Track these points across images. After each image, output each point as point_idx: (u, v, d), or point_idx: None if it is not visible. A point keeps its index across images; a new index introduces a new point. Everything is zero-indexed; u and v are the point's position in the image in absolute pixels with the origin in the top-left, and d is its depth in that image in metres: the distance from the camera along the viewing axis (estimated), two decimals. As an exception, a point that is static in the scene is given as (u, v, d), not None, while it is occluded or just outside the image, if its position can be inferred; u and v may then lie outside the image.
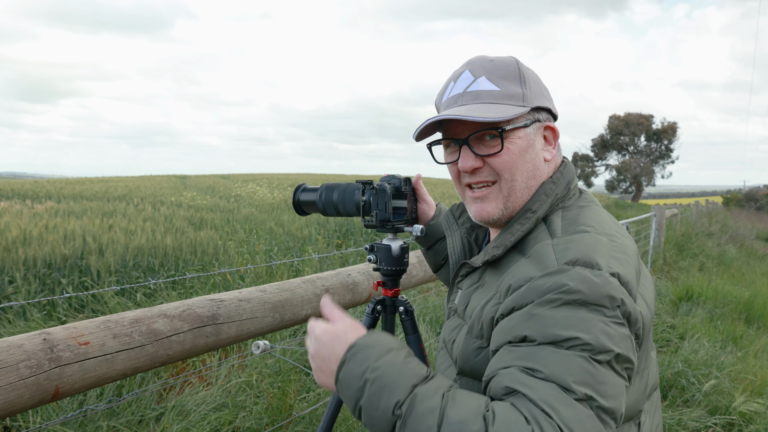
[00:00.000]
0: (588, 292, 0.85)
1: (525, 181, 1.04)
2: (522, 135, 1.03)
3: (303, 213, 1.55)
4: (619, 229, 1.01)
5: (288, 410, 3.07)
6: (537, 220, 1.01)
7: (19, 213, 9.66)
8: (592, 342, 0.82)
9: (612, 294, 0.86)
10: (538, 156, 1.05)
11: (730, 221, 16.55)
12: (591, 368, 0.81)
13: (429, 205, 1.48)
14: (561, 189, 1.04)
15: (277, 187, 23.92)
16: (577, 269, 0.87)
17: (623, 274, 0.89)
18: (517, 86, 1.03)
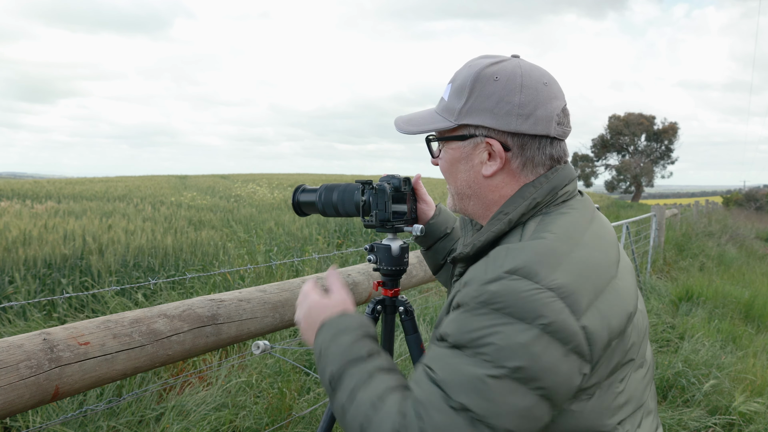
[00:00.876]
0: (512, 302, 0.85)
1: (460, 188, 1.10)
2: (455, 147, 1.08)
3: (302, 214, 1.54)
4: (595, 241, 0.98)
5: (288, 410, 3.07)
6: (510, 222, 1.01)
7: (18, 213, 9.66)
8: (495, 353, 0.83)
9: (538, 309, 0.84)
10: (474, 169, 1.07)
11: (730, 221, 16.55)
12: (482, 383, 0.83)
13: (428, 205, 1.48)
14: (542, 194, 1.02)
15: (277, 187, 23.92)
16: (512, 279, 0.87)
17: (568, 286, 0.87)
18: (458, 101, 1.05)
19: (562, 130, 1.05)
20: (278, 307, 1.73)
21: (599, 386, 0.93)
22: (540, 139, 1.03)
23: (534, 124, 1.02)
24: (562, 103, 1.06)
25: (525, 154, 1.03)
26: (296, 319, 1.14)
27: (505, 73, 1.03)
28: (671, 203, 24.18)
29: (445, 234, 1.48)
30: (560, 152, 1.06)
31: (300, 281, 1.89)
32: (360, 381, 0.94)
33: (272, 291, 1.75)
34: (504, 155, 1.03)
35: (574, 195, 1.06)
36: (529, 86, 1.02)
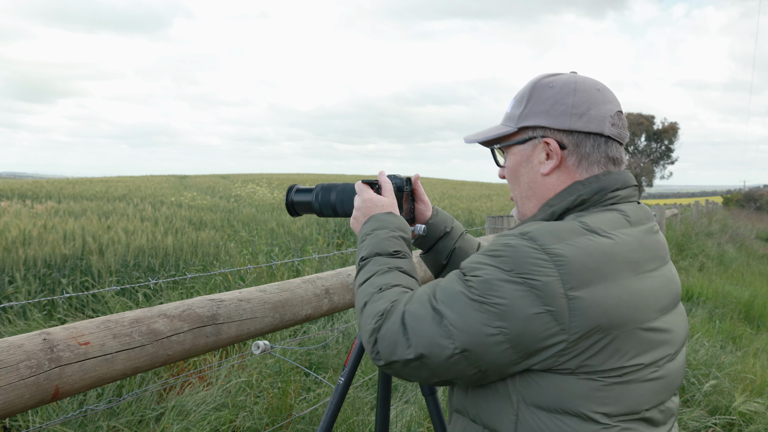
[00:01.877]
0: (511, 255, 0.95)
1: (523, 191, 1.16)
2: (516, 151, 1.16)
3: (296, 214, 1.52)
4: (627, 239, 1.00)
5: (288, 410, 3.08)
6: (553, 214, 1.07)
7: (18, 213, 9.66)
8: (479, 284, 0.95)
9: (529, 268, 0.93)
10: (534, 170, 1.13)
11: (730, 221, 16.54)
12: (460, 298, 0.96)
13: (426, 205, 1.47)
14: (589, 192, 1.07)
15: (277, 187, 23.93)
16: (519, 238, 0.97)
17: (567, 257, 0.93)
18: (518, 108, 1.14)
19: (618, 131, 1.11)
20: (278, 307, 1.73)
21: (591, 370, 0.94)
22: (594, 137, 1.09)
23: (587, 122, 1.08)
24: (617, 107, 1.12)
25: (580, 152, 1.09)
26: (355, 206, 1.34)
27: (559, 81, 1.11)
28: (671, 203, 24.20)
29: (445, 233, 1.47)
30: (616, 153, 1.12)
31: (300, 281, 1.89)
32: (380, 270, 1.13)
33: (272, 291, 1.75)
34: (560, 153, 1.09)
35: (626, 200, 1.11)
36: (582, 90, 1.10)
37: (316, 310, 1.88)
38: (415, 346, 0.97)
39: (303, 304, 1.82)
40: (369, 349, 1.04)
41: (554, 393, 0.95)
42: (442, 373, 0.98)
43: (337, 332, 4.25)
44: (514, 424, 0.98)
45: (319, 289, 1.90)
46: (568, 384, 0.94)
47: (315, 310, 1.88)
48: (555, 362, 0.93)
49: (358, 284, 1.14)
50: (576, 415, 0.94)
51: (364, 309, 1.08)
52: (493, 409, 1.01)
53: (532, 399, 0.96)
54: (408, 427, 2.92)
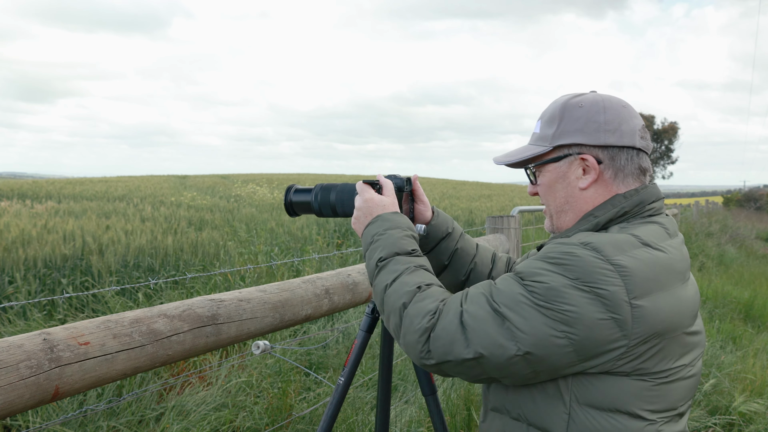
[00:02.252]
0: (576, 264, 0.98)
1: (558, 206, 1.21)
2: (551, 169, 1.20)
3: (294, 214, 1.51)
4: (671, 250, 1.07)
5: (288, 410, 3.08)
6: (597, 224, 1.12)
7: (18, 213, 9.66)
8: (544, 291, 0.97)
9: (596, 277, 0.96)
10: (570, 185, 1.18)
11: (730, 221, 16.54)
12: (525, 303, 0.97)
13: (425, 205, 1.47)
14: (631, 204, 1.13)
15: (277, 187, 23.93)
16: (582, 248, 1.00)
17: (630, 269, 0.98)
18: (550, 128, 1.19)
19: (646, 143, 1.17)
20: (278, 307, 1.73)
21: (644, 372, 1.01)
22: (628, 150, 1.15)
23: (620, 137, 1.14)
24: (641, 122, 1.19)
25: (615, 165, 1.15)
26: (356, 206, 1.34)
27: (588, 100, 1.17)
28: (671, 203, 24.19)
29: (446, 234, 1.48)
30: (646, 164, 1.18)
31: (300, 281, 1.89)
32: (406, 269, 1.13)
33: (272, 291, 1.75)
34: (597, 167, 1.15)
35: (659, 212, 1.16)
36: (610, 108, 1.16)
37: (316, 310, 1.88)
38: (474, 345, 0.98)
39: (303, 304, 1.82)
40: (417, 348, 1.04)
41: (608, 393, 1.01)
42: (494, 373, 1.01)
43: (337, 332, 4.25)
44: (566, 422, 1.03)
45: (319, 289, 1.90)
46: (622, 385, 1.01)
47: (315, 310, 1.88)
48: (613, 365, 0.99)
49: (385, 285, 1.13)
50: (627, 413, 1.02)
51: (406, 309, 1.07)
52: (541, 408, 1.06)
53: (585, 399, 1.02)
54: (408, 427, 2.92)
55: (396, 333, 1.10)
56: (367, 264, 1.22)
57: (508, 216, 3.82)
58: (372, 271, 1.19)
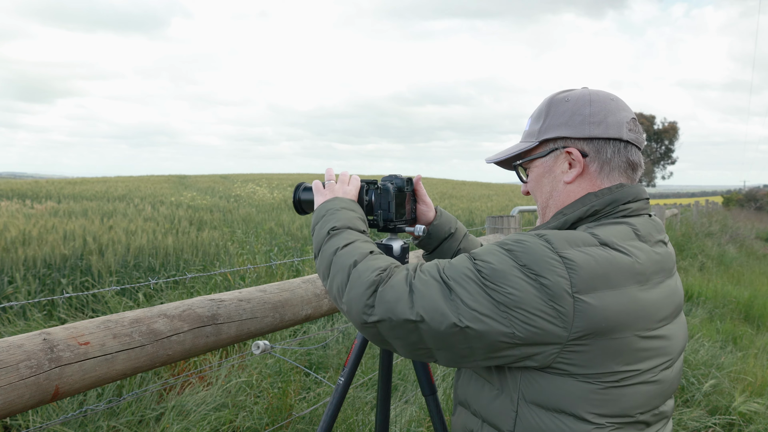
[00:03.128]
0: (526, 252, 0.98)
1: (544, 201, 1.20)
2: (538, 164, 1.19)
3: (303, 212, 1.55)
4: (635, 252, 1.02)
5: (288, 410, 3.08)
6: (566, 222, 1.10)
7: (16, 213, 9.66)
8: (490, 271, 0.97)
9: (543, 268, 0.95)
10: (556, 179, 1.17)
11: (730, 221, 16.54)
12: (470, 278, 0.98)
13: (428, 206, 1.48)
14: (602, 203, 1.09)
15: (276, 187, 23.92)
16: (534, 237, 1.00)
17: (577, 263, 0.96)
18: (537, 124, 1.19)
19: (635, 136, 1.14)
20: (278, 307, 1.73)
21: (589, 374, 0.98)
22: (614, 143, 1.12)
23: (606, 129, 1.12)
24: (631, 114, 1.16)
25: (601, 157, 1.13)
26: (315, 183, 1.38)
27: (574, 95, 1.16)
28: (671, 203, 24.19)
29: (449, 234, 1.48)
30: (636, 157, 1.15)
31: (300, 281, 1.89)
32: (360, 240, 1.15)
33: (272, 291, 1.75)
34: (582, 160, 1.13)
35: (638, 213, 1.11)
36: (597, 101, 1.14)
37: (316, 310, 1.88)
38: (417, 308, 0.98)
39: (303, 304, 1.82)
40: (362, 302, 1.03)
41: (553, 393, 0.99)
42: (430, 342, 1.00)
43: (337, 332, 4.25)
44: (513, 420, 1.03)
45: (319, 289, 1.90)
46: (566, 385, 0.99)
47: (315, 310, 1.88)
48: (554, 360, 0.97)
49: (336, 248, 1.14)
50: (572, 415, 0.99)
51: (356, 266, 1.08)
52: (493, 404, 1.06)
53: (531, 397, 1.01)
54: (408, 427, 2.92)
55: (340, 291, 1.09)
56: (315, 234, 1.23)
57: (508, 216, 3.82)
58: (321, 239, 1.19)
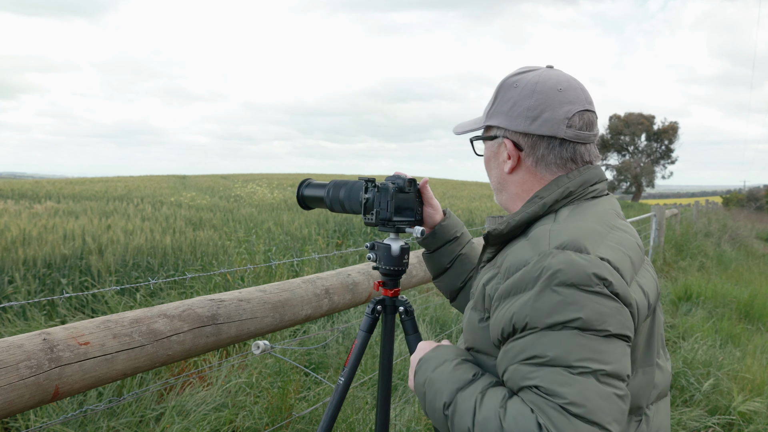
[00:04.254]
0: (573, 273, 0.92)
1: (494, 183, 1.22)
2: (488, 146, 1.21)
3: (307, 207, 1.60)
4: (626, 228, 1.09)
5: (288, 410, 3.08)
6: (544, 205, 1.08)
7: (16, 213, 9.66)
8: (585, 318, 0.90)
9: (598, 272, 0.93)
10: (500, 167, 1.19)
11: (730, 221, 16.54)
12: (588, 342, 0.89)
13: (435, 209, 1.47)
14: (575, 184, 1.10)
15: (277, 187, 23.93)
16: (565, 252, 0.95)
17: (613, 260, 0.96)
18: (488, 106, 1.19)
19: (575, 133, 1.10)
20: (278, 307, 1.73)
21: (637, 364, 1.02)
22: (549, 140, 1.11)
23: (540, 126, 1.10)
24: (578, 108, 1.11)
25: (536, 153, 1.12)
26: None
27: (524, 80, 1.14)
28: (671, 203, 24.18)
29: (454, 237, 1.48)
30: (573, 154, 1.12)
31: (300, 281, 1.89)
32: (476, 400, 0.96)
33: (272, 291, 1.75)
34: (516, 154, 1.14)
35: (603, 193, 1.15)
36: (541, 92, 1.11)
37: (316, 310, 1.88)
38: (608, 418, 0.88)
39: (303, 304, 1.82)
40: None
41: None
42: None
43: (337, 332, 4.25)
44: None
45: (319, 289, 1.90)
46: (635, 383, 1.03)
47: (315, 310, 1.88)
48: None
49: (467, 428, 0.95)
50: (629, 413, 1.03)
51: None
52: None
53: None
54: (408, 427, 2.92)
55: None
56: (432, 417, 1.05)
57: (508, 216, 3.82)
58: (443, 423, 1.02)
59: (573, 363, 0.88)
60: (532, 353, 0.91)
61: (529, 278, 0.95)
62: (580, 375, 0.87)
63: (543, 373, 0.89)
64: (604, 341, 0.90)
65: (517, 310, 0.95)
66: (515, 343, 0.95)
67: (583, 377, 0.87)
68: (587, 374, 0.87)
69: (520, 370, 0.92)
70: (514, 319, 0.95)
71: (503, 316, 0.98)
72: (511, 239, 1.10)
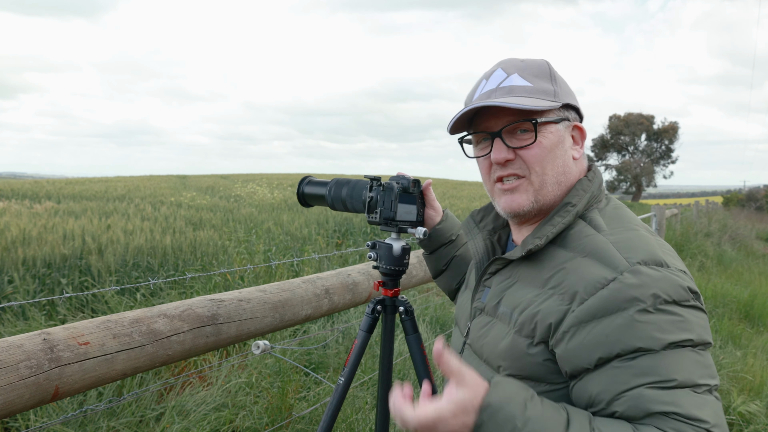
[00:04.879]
0: (672, 290, 0.89)
1: (556, 176, 1.05)
2: (553, 130, 1.05)
3: (307, 205, 1.60)
4: (652, 230, 1.07)
5: (288, 410, 3.08)
6: (576, 214, 1.03)
7: (17, 213, 9.65)
8: (696, 338, 0.88)
9: (690, 286, 0.92)
10: (567, 153, 1.07)
11: (730, 221, 16.54)
12: (701, 358, 0.88)
13: (436, 211, 1.48)
14: (596, 188, 1.07)
15: (277, 187, 23.93)
16: (652, 269, 0.91)
17: (686, 270, 0.96)
18: (548, 83, 1.06)
19: None
20: (278, 307, 1.73)
21: None
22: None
23: (581, 112, 1.12)
24: None
25: (583, 141, 1.11)
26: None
27: (555, 68, 1.11)
28: (671, 203, 24.19)
29: (449, 240, 1.48)
30: None
31: (300, 281, 1.89)
32: None
33: (272, 291, 1.75)
34: (585, 140, 1.11)
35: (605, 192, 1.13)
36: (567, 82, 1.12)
37: (316, 310, 1.88)
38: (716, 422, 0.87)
39: (303, 304, 1.82)
40: None
41: None
42: None
43: (337, 332, 4.24)
44: None
45: (319, 289, 1.90)
46: None
47: (315, 310, 1.88)
48: None
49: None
50: None
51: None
52: None
53: None
54: (408, 427, 2.92)
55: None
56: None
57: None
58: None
59: (698, 382, 0.85)
60: (656, 377, 0.85)
61: (622, 298, 0.88)
62: (706, 393, 0.86)
63: (676, 397, 0.84)
64: (707, 354, 0.90)
65: (615, 333, 0.88)
66: (625, 368, 0.87)
67: (709, 395, 0.86)
68: (708, 391, 0.86)
69: (646, 395, 0.85)
70: (611, 342, 0.88)
71: (591, 341, 0.89)
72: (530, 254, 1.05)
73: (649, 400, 0.84)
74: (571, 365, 0.92)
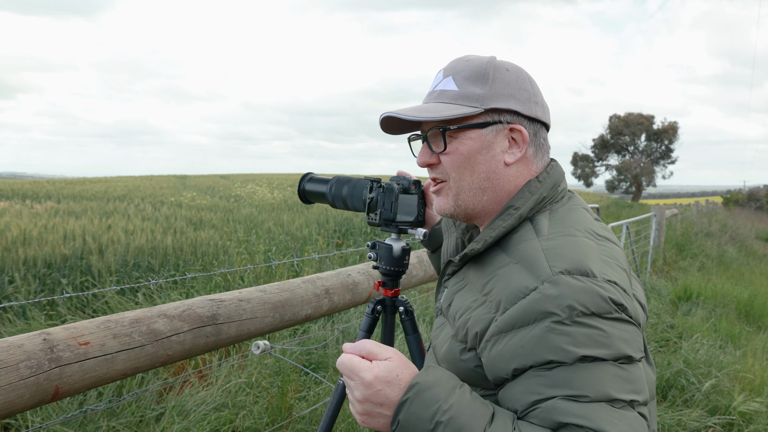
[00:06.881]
0: (591, 301, 0.86)
1: (477, 182, 1.04)
2: (474, 136, 1.03)
3: (308, 202, 1.60)
4: (607, 234, 1.02)
5: (288, 410, 3.08)
6: (520, 217, 1.00)
7: (14, 212, 9.66)
8: (615, 351, 0.85)
9: (614, 298, 0.87)
10: (495, 158, 1.03)
11: (730, 221, 16.55)
12: (621, 372, 0.85)
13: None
14: (547, 189, 1.03)
15: (277, 187, 23.93)
16: (574, 279, 0.87)
17: (618, 281, 0.91)
18: (477, 87, 1.03)
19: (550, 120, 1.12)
20: (278, 307, 1.73)
21: None
22: (544, 127, 1.08)
23: (544, 112, 1.07)
24: None
25: (537, 141, 1.06)
26: (359, 397, 0.90)
27: (512, 65, 1.07)
28: (671, 203, 24.19)
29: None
30: None
31: (300, 281, 1.89)
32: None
33: (272, 291, 1.75)
34: (528, 141, 1.04)
35: (566, 192, 1.09)
36: (532, 80, 1.08)
37: (316, 310, 1.88)
38: None
39: (303, 304, 1.82)
40: None
41: None
42: None
43: (337, 332, 4.25)
44: None
45: (319, 289, 1.90)
46: None
47: (315, 310, 1.88)
48: None
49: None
50: None
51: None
52: None
53: None
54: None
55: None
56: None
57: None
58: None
59: (615, 396, 0.83)
60: (570, 390, 0.84)
61: (539, 309, 0.87)
62: (623, 409, 0.84)
63: (589, 410, 0.82)
64: (631, 368, 0.86)
65: (529, 344, 0.87)
66: (540, 378, 0.86)
67: (626, 411, 0.84)
68: (627, 406, 0.84)
69: (559, 407, 0.84)
70: (526, 353, 0.87)
71: (508, 351, 0.89)
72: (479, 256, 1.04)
73: (561, 413, 0.83)
74: (492, 374, 0.92)
